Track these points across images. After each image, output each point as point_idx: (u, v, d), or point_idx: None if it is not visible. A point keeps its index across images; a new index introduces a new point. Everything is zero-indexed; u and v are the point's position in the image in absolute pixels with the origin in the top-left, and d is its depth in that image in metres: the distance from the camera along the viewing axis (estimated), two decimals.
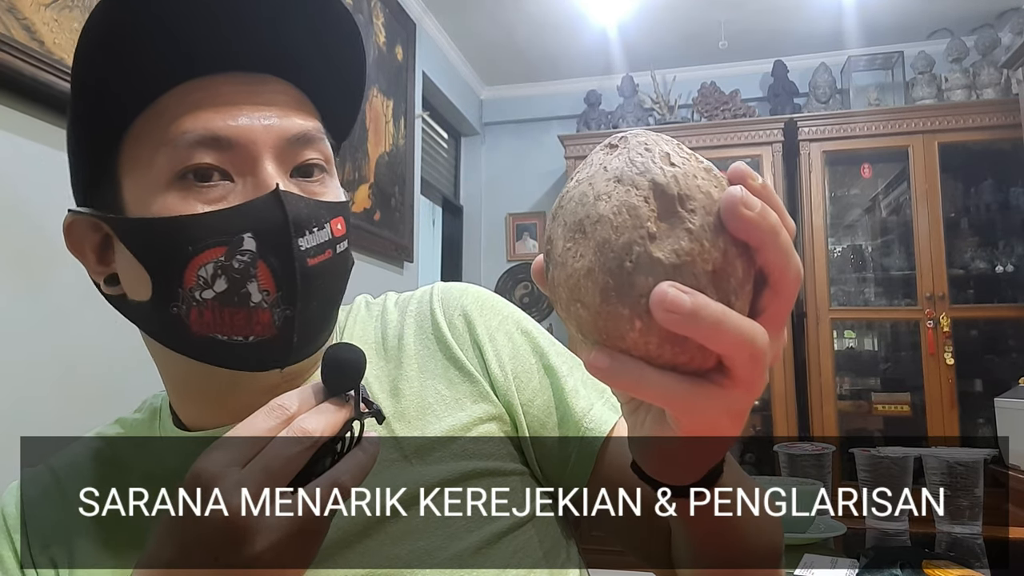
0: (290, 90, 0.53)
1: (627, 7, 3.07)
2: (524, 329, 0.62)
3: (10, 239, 1.20)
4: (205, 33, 0.48)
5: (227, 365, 0.51)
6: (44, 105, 1.24)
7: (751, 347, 0.28)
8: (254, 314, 0.48)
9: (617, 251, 0.29)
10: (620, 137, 0.32)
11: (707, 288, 0.28)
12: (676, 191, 0.29)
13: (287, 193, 0.49)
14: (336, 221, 0.52)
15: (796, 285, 0.30)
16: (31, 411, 1.20)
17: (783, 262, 0.29)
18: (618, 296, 0.29)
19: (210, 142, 0.48)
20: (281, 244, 0.48)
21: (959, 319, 3.00)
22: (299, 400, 0.41)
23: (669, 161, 0.30)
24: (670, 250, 0.29)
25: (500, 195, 3.96)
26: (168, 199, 0.48)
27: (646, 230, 0.29)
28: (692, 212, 0.29)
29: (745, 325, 0.28)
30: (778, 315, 0.30)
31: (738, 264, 0.29)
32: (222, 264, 0.47)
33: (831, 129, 3.15)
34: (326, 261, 0.51)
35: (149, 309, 0.50)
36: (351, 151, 2.40)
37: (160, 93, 0.49)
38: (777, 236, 0.29)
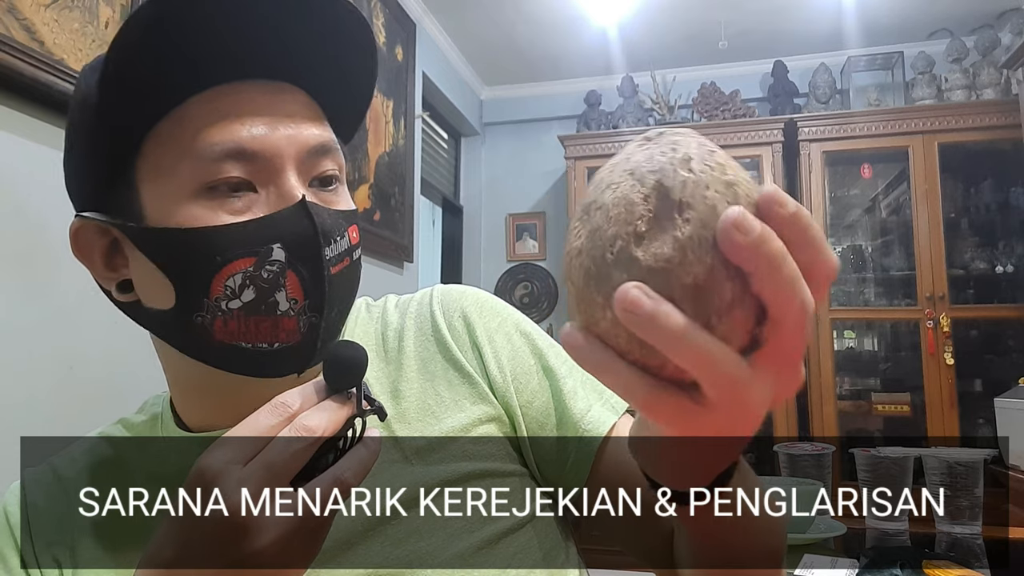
0: (303, 98, 0.53)
1: (627, 7, 3.08)
2: (523, 331, 0.62)
3: (10, 239, 1.20)
4: (225, 40, 0.48)
5: (246, 372, 0.51)
6: (44, 105, 1.24)
7: (714, 369, 0.28)
8: (280, 322, 0.49)
9: (604, 240, 0.30)
10: (659, 132, 0.32)
11: (683, 300, 0.28)
12: (678, 197, 0.29)
13: (314, 204, 0.50)
14: (352, 229, 0.53)
15: (799, 323, 0.28)
16: (31, 411, 1.20)
17: (782, 296, 0.27)
18: (596, 283, 0.30)
19: (237, 154, 0.48)
20: (311, 254, 0.49)
21: (959, 319, 3.00)
22: (301, 398, 0.41)
23: (687, 167, 0.29)
24: (651, 253, 0.28)
25: (500, 195, 3.96)
26: (193, 209, 0.48)
27: (634, 227, 0.29)
28: (687, 221, 0.28)
29: (710, 346, 0.27)
30: (779, 351, 0.29)
31: (726, 286, 0.28)
32: (251, 274, 0.48)
33: (831, 129, 3.15)
34: (346, 268, 0.52)
35: (169, 317, 0.50)
36: (351, 151, 2.40)
37: (183, 99, 0.49)
38: (776, 268, 0.27)
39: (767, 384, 0.29)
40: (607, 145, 3.36)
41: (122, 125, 0.49)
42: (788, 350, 0.29)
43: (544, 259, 3.86)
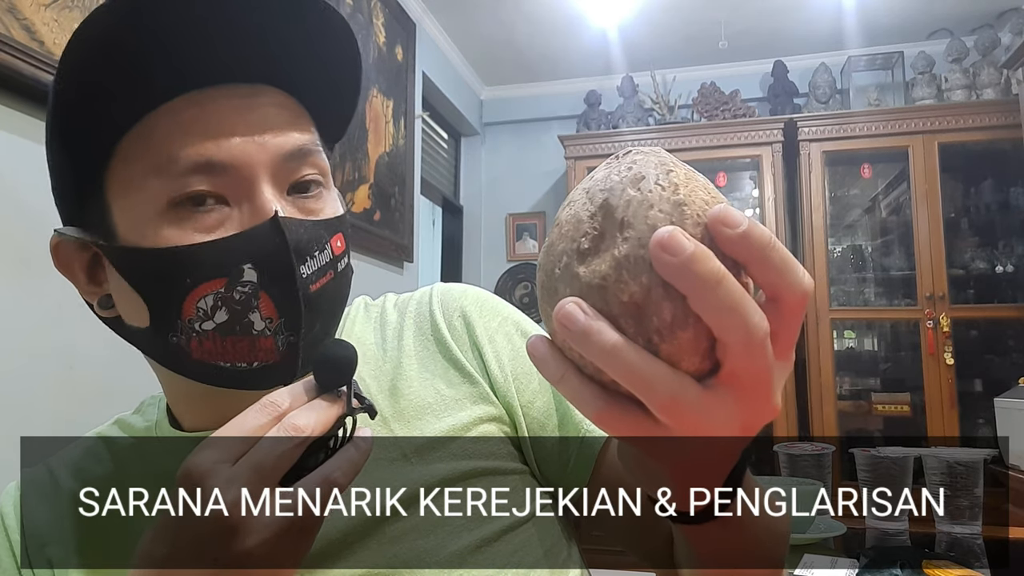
0: (284, 100, 0.51)
1: (627, 7, 3.07)
2: (524, 330, 0.62)
3: (10, 239, 1.20)
4: (195, 46, 0.46)
5: (230, 386, 0.50)
6: (44, 105, 1.23)
7: (647, 386, 0.27)
8: (257, 342, 0.47)
9: (554, 256, 0.31)
10: (625, 152, 0.32)
11: (621, 318, 0.28)
12: (620, 216, 0.29)
13: (287, 219, 0.47)
14: (336, 239, 0.51)
15: (747, 347, 0.27)
16: (31, 411, 1.20)
17: (720, 319, 0.26)
18: (548, 296, 0.31)
19: (205, 168, 0.46)
20: (283, 274, 0.47)
21: (959, 319, 3.00)
22: (290, 397, 0.41)
23: (637, 186, 0.29)
24: (591, 270, 0.29)
25: (500, 195, 3.96)
26: (163, 228, 0.46)
27: (578, 244, 0.30)
28: (625, 240, 0.28)
29: (643, 364, 0.27)
30: (736, 374, 0.28)
31: (664, 306, 0.27)
32: (222, 296, 0.46)
33: (831, 129, 3.15)
34: (328, 283, 0.50)
35: (147, 335, 0.49)
36: (351, 151, 2.40)
37: (150, 109, 0.47)
38: (710, 290, 0.26)
39: (730, 407, 0.28)
40: (607, 145, 3.36)
41: (86, 140, 0.47)
42: (746, 373, 0.28)
43: None
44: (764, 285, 0.28)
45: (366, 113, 2.52)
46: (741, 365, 0.27)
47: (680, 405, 0.28)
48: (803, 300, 0.28)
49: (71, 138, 0.48)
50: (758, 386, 0.28)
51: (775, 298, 0.28)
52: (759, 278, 0.28)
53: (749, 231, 0.27)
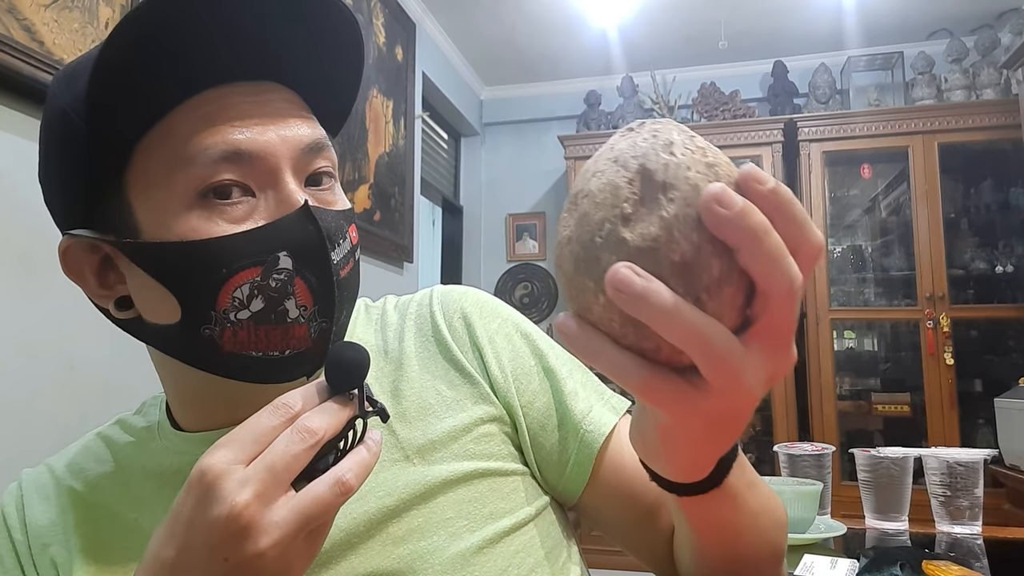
0: (290, 95, 0.52)
1: (627, 7, 3.08)
2: (523, 332, 0.62)
3: (10, 239, 1.20)
4: (204, 46, 0.47)
5: (256, 380, 0.50)
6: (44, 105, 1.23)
7: (706, 345, 0.28)
8: (291, 330, 0.48)
9: (592, 225, 0.30)
10: (640, 123, 0.33)
11: (671, 279, 0.28)
12: (662, 178, 0.29)
13: (317, 208, 0.49)
14: (352, 229, 0.53)
15: (788, 296, 0.28)
16: (31, 411, 1.20)
17: (768, 269, 0.27)
18: (586, 268, 0.30)
19: (232, 157, 0.47)
20: (318, 259, 0.48)
21: (959, 319, 3.00)
22: (303, 399, 0.41)
23: (669, 150, 0.30)
24: (638, 233, 0.29)
25: (500, 195, 3.96)
26: (192, 220, 0.47)
27: (621, 210, 0.30)
28: (671, 201, 0.29)
29: (702, 322, 0.27)
30: (771, 327, 0.29)
31: (713, 262, 0.28)
32: (258, 284, 0.47)
33: (831, 129, 3.15)
34: (351, 272, 0.51)
35: (174, 331, 0.50)
36: (351, 151, 2.40)
37: (167, 110, 0.48)
38: (760, 240, 0.27)
39: (760, 363, 0.29)
40: None
41: (111, 136, 0.48)
42: (779, 326, 0.29)
43: (544, 259, 3.86)
44: (786, 237, 0.28)
45: (366, 113, 2.53)
46: (778, 316, 0.28)
47: (731, 362, 0.28)
48: (819, 253, 0.29)
49: (96, 137, 0.48)
50: (787, 336, 0.29)
51: (795, 250, 0.29)
52: (783, 230, 0.28)
53: (778, 186, 0.28)
